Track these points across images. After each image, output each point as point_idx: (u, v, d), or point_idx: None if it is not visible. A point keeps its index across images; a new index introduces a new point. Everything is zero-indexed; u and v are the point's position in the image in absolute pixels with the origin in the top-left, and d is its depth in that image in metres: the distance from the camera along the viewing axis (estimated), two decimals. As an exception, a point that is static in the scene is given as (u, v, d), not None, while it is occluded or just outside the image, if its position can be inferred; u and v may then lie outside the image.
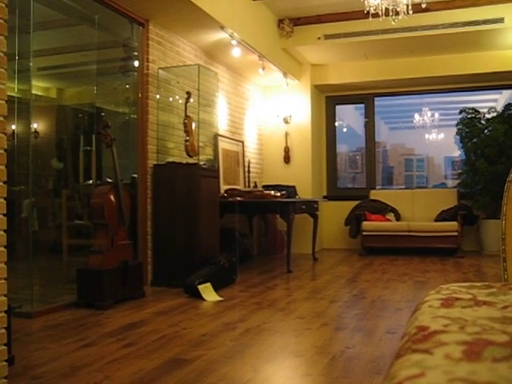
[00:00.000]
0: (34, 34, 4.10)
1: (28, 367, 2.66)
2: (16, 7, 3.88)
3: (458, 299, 1.30)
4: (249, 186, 7.41)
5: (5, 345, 2.32)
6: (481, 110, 7.69)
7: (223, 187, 6.49)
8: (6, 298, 2.34)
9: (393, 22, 4.86)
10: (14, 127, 5.17)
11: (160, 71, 5.40)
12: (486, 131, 7.46)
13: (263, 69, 6.70)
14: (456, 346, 0.87)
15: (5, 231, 2.34)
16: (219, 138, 6.67)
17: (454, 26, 6.41)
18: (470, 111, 7.67)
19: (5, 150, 2.35)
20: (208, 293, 4.50)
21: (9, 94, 2.41)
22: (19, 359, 2.74)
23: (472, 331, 0.96)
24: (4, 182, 2.34)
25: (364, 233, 7.58)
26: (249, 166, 7.50)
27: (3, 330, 2.31)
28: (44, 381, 2.47)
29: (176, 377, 2.51)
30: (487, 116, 7.61)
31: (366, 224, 7.57)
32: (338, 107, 8.91)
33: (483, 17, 6.28)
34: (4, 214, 2.34)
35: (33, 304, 3.91)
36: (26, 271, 4.58)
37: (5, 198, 2.34)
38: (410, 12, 4.80)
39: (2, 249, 2.33)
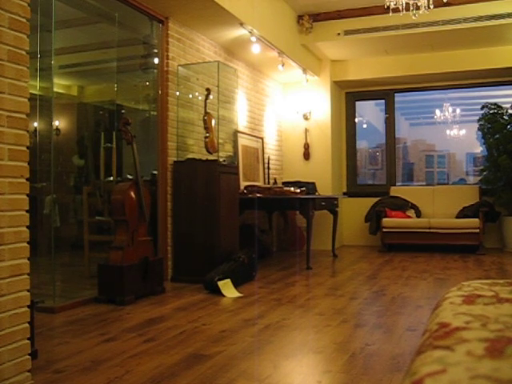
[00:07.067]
0: (55, 33, 4.13)
1: (51, 361, 2.70)
2: (38, 6, 3.94)
3: (479, 296, 1.28)
4: (268, 183, 7.41)
5: (28, 339, 2.35)
6: (503, 106, 7.57)
7: (243, 184, 6.49)
8: (28, 293, 2.37)
9: (413, 17, 4.81)
10: (36, 125, 5.25)
11: (180, 68, 5.42)
12: (508, 127, 7.34)
13: (283, 65, 6.69)
14: (478, 343, 0.87)
15: (27, 227, 2.37)
16: (239, 134, 6.67)
17: (476, 20, 6.31)
18: (493, 106, 7.55)
19: (27, 148, 2.38)
20: (228, 289, 4.52)
21: (31, 91, 2.44)
22: (42, 353, 2.78)
23: (494, 328, 0.95)
24: (27, 179, 2.37)
25: (384, 229, 7.53)
26: (268, 163, 7.50)
27: (26, 325, 2.35)
28: (66, 374, 2.50)
29: (196, 372, 2.52)
30: (510, 111, 7.49)
31: (386, 221, 7.52)
32: (357, 103, 8.86)
33: (507, 10, 6.17)
34: (27, 211, 2.37)
35: (55, 299, 3.96)
36: (48, 267, 4.65)
37: (27, 195, 2.37)
38: (431, 6, 4.75)
39: (25, 244, 2.36)
